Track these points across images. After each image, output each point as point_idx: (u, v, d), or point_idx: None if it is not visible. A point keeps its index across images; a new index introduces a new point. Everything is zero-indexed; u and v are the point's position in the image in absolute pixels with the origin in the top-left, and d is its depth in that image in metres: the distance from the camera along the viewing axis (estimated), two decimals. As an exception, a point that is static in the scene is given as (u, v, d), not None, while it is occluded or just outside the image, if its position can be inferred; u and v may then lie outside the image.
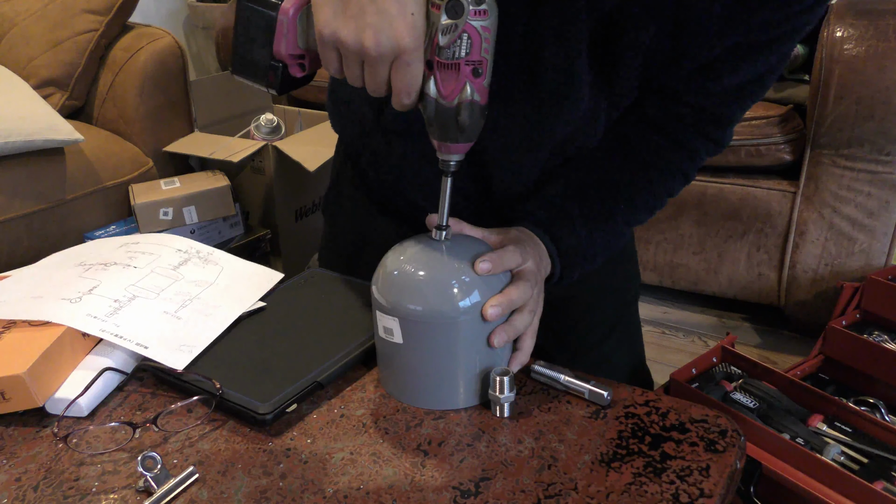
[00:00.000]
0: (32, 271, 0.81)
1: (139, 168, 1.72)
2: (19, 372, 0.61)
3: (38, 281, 0.77)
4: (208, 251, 0.83)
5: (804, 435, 1.01)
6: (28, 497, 0.55)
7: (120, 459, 0.58)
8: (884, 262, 1.55)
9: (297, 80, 0.63)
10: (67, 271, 0.78)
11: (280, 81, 0.61)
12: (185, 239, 0.85)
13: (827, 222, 1.58)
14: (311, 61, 0.61)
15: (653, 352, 1.73)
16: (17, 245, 1.46)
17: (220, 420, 0.63)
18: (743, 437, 0.59)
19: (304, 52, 0.60)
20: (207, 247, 0.84)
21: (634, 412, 0.62)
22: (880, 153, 1.47)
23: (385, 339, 0.63)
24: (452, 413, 0.63)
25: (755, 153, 1.62)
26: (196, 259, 0.82)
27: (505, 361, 0.65)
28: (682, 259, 1.82)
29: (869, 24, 1.42)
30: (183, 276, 0.78)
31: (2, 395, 0.62)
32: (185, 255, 0.82)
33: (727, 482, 0.54)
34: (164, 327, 0.70)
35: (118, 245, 0.83)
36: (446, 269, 0.61)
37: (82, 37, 1.75)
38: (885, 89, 1.40)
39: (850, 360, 1.26)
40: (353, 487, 0.54)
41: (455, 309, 0.60)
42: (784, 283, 1.68)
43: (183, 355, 0.67)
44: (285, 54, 0.60)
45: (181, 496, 0.54)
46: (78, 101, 1.80)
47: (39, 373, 0.63)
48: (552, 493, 0.53)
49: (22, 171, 1.47)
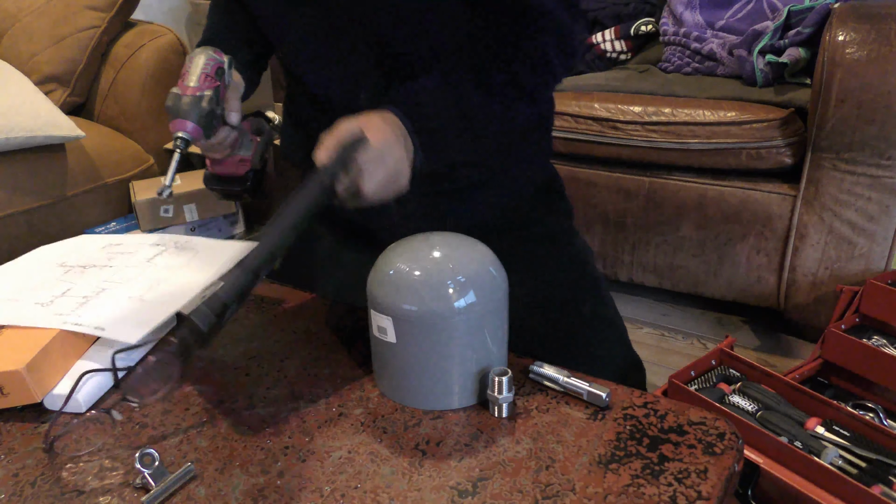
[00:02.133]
0: (14, 268, 0.82)
1: (140, 165, 1.72)
2: (18, 367, 0.61)
3: (18, 282, 0.78)
4: (185, 240, 0.83)
5: (802, 438, 1.01)
6: (26, 492, 0.55)
7: (118, 456, 0.58)
8: (884, 266, 1.55)
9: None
10: (47, 273, 0.79)
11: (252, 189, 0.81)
12: (165, 234, 0.86)
13: (827, 226, 1.58)
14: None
15: (652, 354, 1.73)
16: (17, 241, 1.45)
17: (219, 419, 0.63)
18: (741, 439, 0.59)
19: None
20: (184, 237, 0.84)
21: (633, 414, 0.62)
22: (881, 157, 1.47)
23: (378, 338, 0.63)
24: (451, 413, 0.63)
25: (756, 156, 1.62)
26: (172, 249, 0.82)
27: (502, 362, 0.65)
28: (682, 261, 1.82)
29: (871, 28, 1.42)
30: (155, 265, 0.79)
31: (0, 389, 0.62)
32: (160, 248, 0.83)
33: (725, 485, 0.54)
34: (126, 310, 0.71)
35: (101, 245, 0.84)
36: (442, 269, 0.61)
37: (84, 33, 1.75)
38: (886, 93, 1.40)
39: (849, 364, 1.26)
40: (351, 486, 0.54)
41: (450, 309, 0.60)
42: (784, 286, 1.68)
43: (139, 330, 0.68)
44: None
45: (178, 493, 0.54)
46: (79, 98, 1.80)
47: (38, 368, 0.63)
48: (550, 494, 0.53)
49: (23, 167, 1.47)
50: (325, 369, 0.70)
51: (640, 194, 1.82)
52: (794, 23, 1.75)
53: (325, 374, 0.69)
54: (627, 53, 2.18)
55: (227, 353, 0.73)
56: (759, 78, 1.73)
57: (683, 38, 1.98)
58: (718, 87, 1.77)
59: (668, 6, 2.09)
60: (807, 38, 1.69)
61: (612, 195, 1.86)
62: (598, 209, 1.89)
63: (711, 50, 1.88)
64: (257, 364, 0.71)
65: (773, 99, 1.67)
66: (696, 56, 1.94)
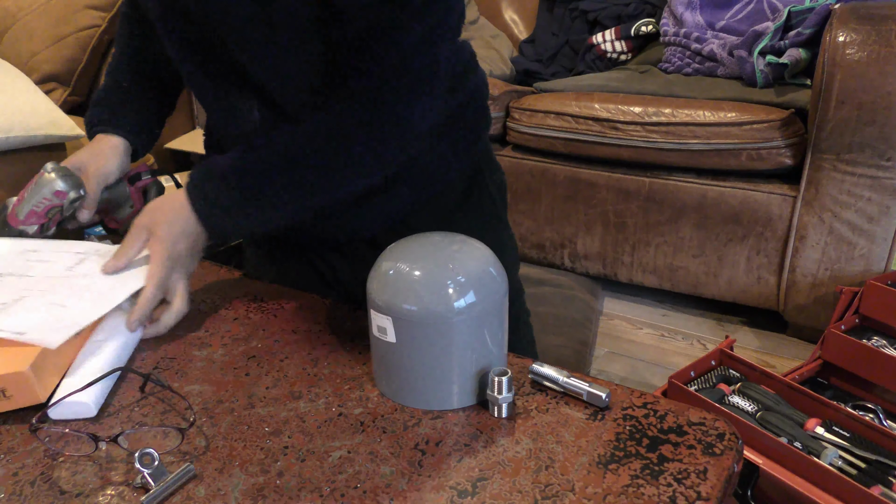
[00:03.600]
0: None
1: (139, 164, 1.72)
2: (23, 368, 0.61)
3: None
4: (107, 249, 0.81)
5: (802, 439, 1.01)
6: (25, 492, 0.55)
7: (117, 456, 0.58)
8: (883, 267, 1.55)
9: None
10: None
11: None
12: (88, 242, 0.85)
13: (827, 227, 1.58)
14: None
15: (652, 354, 1.73)
16: (17, 240, 1.46)
17: (219, 419, 0.63)
18: (741, 440, 0.59)
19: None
20: (109, 245, 0.83)
21: (632, 414, 0.62)
22: (881, 158, 1.47)
23: (378, 338, 0.63)
24: (450, 413, 0.63)
25: (756, 157, 1.62)
26: (94, 257, 0.81)
27: (502, 362, 0.65)
28: (682, 262, 1.82)
29: (871, 29, 1.42)
30: (77, 273, 0.78)
31: (2, 392, 0.62)
32: (82, 256, 0.81)
33: (724, 485, 0.54)
34: (47, 314, 0.69)
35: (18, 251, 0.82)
36: (442, 269, 0.61)
37: (84, 32, 1.76)
38: (886, 94, 1.40)
39: (849, 365, 1.26)
40: (351, 486, 0.54)
41: (450, 309, 0.60)
42: (783, 287, 1.68)
43: (60, 334, 0.66)
44: None
45: (178, 493, 0.54)
46: (79, 97, 1.81)
47: (41, 368, 0.63)
48: (549, 495, 0.53)
49: (22, 166, 1.47)
50: (324, 369, 0.70)
51: (641, 195, 1.82)
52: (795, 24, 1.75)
53: (325, 374, 0.69)
54: (628, 54, 2.19)
55: (227, 353, 0.73)
56: (759, 79, 1.73)
57: (684, 38, 1.98)
58: (719, 88, 1.77)
59: (669, 7, 2.09)
60: (807, 39, 1.70)
61: (613, 195, 1.86)
62: (599, 209, 1.90)
63: (712, 51, 1.88)
64: (257, 364, 0.71)
65: (774, 100, 1.67)
66: (697, 57, 1.94)
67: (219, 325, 0.78)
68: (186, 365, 0.71)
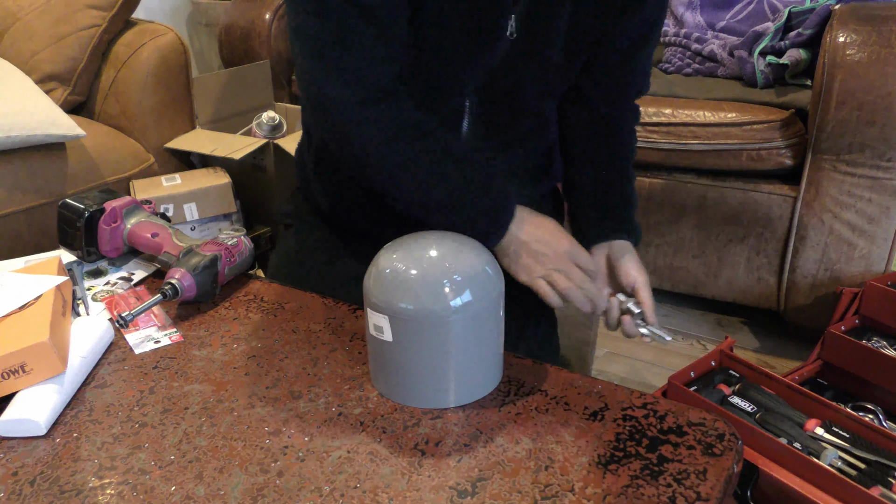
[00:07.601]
0: None
1: (140, 164, 1.72)
2: (43, 339, 0.62)
3: None
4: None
5: (802, 440, 1.01)
6: (24, 492, 0.55)
7: (117, 455, 0.58)
8: (883, 268, 1.55)
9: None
10: None
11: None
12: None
13: (827, 227, 1.58)
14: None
15: (651, 354, 1.73)
16: (17, 240, 1.46)
17: (219, 419, 0.63)
18: (740, 441, 0.59)
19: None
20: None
21: (632, 415, 0.62)
22: (881, 159, 1.47)
23: (375, 337, 0.63)
24: (450, 413, 0.63)
25: (756, 157, 1.62)
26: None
27: (498, 361, 0.65)
28: (682, 262, 1.82)
29: (872, 29, 1.42)
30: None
31: (22, 368, 0.62)
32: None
33: (724, 486, 0.54)
34: None
35: None
36: (438, 267, 0.61)
37: (85, 32, 1.75)
38: (887, 95, 1.40)
39: (849, 366, 1.26)
40: (350, 486, 0.54)
41: (446, 308, 0.60)
42: (783, 287, 1.68)
43: None
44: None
45: (178, 493, 0.54)
46: (80, 97, 1.80)
47: (56, 338, 0.64)
48: (549, 495, 0.53)
49: (23, 165, 1.47)
50: (324, 369, 0.70)
51: (641, 195, 1.82)
52: (795, 24, 1.75)
53: (325, 373, 0.69)
54: (628, 54, 2.18)
55: (227, 352, 0.73)
56: (759, 79, 1.73)
57: (684, 38, 1.98)
58: (719, 89, 1.77)
59: (669, 7, 2.09)
60: (807, 40, 1.70)
61: (613, 196, 1.86)
62: (599, 210, 1.89)
63: (712, 51, 1.88)
64: (257, 364, 0.71)
65: (774, 100, 1.67)
66: (697, 57, 1.94)
67: (219, 325, 0.78)
68: (186, 365, 0.71)
